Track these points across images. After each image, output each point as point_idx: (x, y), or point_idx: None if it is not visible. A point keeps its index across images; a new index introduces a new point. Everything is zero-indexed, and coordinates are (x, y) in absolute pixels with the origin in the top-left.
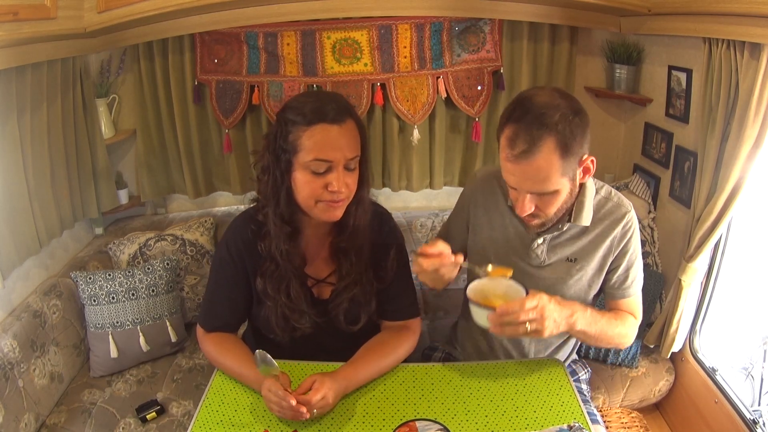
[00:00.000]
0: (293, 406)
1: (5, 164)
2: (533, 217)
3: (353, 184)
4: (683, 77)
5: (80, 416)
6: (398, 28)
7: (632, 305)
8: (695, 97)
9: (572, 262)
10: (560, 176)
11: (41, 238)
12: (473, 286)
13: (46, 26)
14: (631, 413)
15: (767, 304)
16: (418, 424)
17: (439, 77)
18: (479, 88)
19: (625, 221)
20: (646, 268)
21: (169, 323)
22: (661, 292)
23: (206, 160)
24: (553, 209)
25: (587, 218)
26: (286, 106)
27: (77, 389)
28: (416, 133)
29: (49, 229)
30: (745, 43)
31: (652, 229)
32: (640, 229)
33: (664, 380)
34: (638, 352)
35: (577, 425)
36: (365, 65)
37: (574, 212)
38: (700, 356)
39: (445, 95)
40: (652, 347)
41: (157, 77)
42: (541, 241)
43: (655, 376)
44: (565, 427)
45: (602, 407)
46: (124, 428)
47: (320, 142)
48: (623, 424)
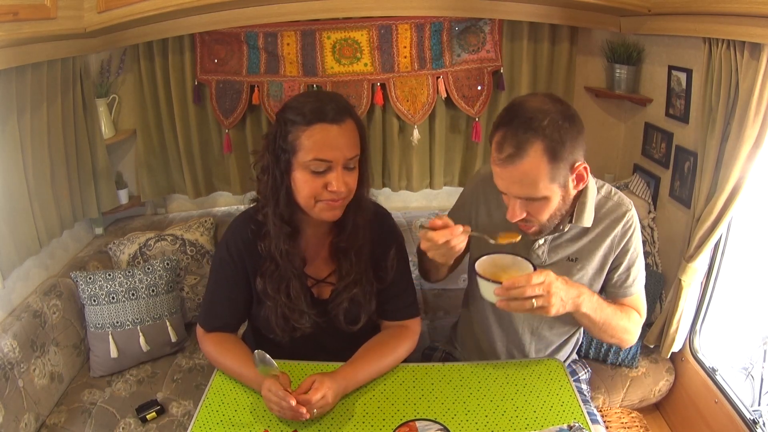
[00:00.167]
0: (293, 406)
1: (5, 164)
2: (526, 223)
3: (353, 183)
4: (683, 77)
5: (80, 416)
6: (398, 28)
7: (635, 304)
8: (695, 97)
9: (573, 261)
10: (549, 182)
11: (41, 238)
12: (482, 261)
13: (46, 26)
14: (631, 413)
15: (767, 304)
16: (418, 424)
17: (439, 77)
18: (479, 88)
19: (625, 220)
20: (646, 268)
21: (169, 323)
22: (661, 292)
23: (206, 160)
24: (544, 216)
25: (589, 219)
26: (285, 106)
27: (77, 389)
28: (416, 133)
29: (49, 229)
30: (745, 43)
31: (652, 229)
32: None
33: (664, 380)
34: (638, 352)
35: (577, 425)
36: (365, 65)
37: (575, 213)
38: (700, 356)
39: (445, 95)
40: (652, 347)
41: (157, 77)
42: (542, 241)
43: (655, 376)
44: (565, 427)
45: (602, 407)
46: (124, 428)
47: (320, 141)
48: (623, 424)
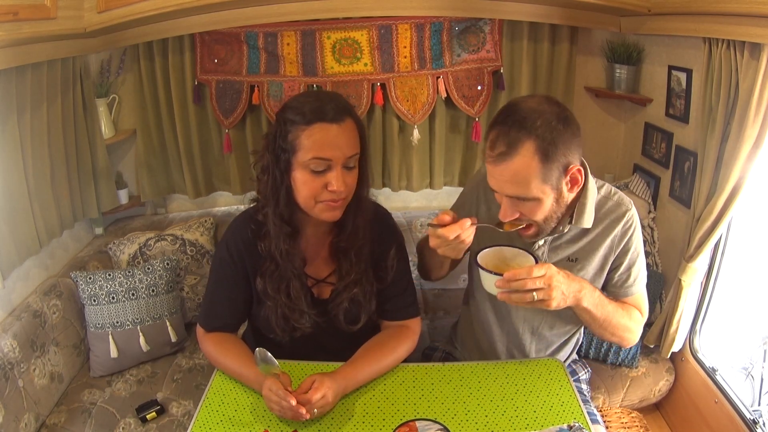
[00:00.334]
0: (293, 406)
1: (5, 164)
2: (523, 226)
3: (352, 183)
4: (683, 77)
5: (80, 416)
6: (398, 28)
7: (637, 303)
8: (695, 97)
9: (573, 262)
10: (540, 182)
11: (41, 238)
12: (484, 253)
13: (46, 26)
14: (631, 413)
15: (767, 304)
16: (418, 424)
17: (439, 77)
18: (479, 88)
19: (625, 220)
20: (646, 268)
21: (169, 323)
22: (661, 292)
23: (206, 160)
24: (538, 216)
25: (589, 220)
26: (285, 105)
27: (77, 389)
28: (416, 133)
29: (49, 229)
30: (745, 43)
31: (652, 229)
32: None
33: (664, 380)
34: (638, 352)
35: (577, 425)
36: (365, 65)
37: (575, 214)
38: (700, 356)
39: (445, 95)
40: (652, 347)
41: (157, 77)
42: (542, 242)
43: (655, 376)
44: (565, 427)
45: (602, 407)
46: (124, 428)
47: (319, 141)
48: (623, 424)
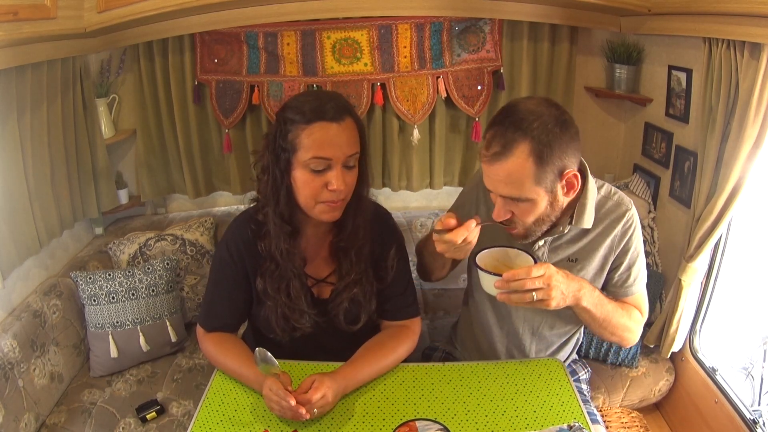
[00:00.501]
0: (293, 406)
1: (5, 164)
2: (511, 225)
3: (352, 182)
4: (683, 77)
5: (80, 416)
6: (398, 28)
7: (636, 303)
8: (695, 97)
9: (573, 262)
10: (534, 184)
11: (41, 238)
12: (483, 254)
13: (46, 26)
14: (631, 413)
15: (767, 304)
16: (418, 424)
17: (439, 77)
18: (479, 88)
19: (625, 219)
20: (646, 268)
21: (169, 323)
22: (661, 292)
23: (206, 160)
24: (530, 219)
25: (589, 221)
26: (285, 105)
27: (77, 389)
28: (416, 133)
29: (49, 229)
30: (745, 43)
31: (652, 229)
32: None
33: (664, 380)
34: (638, 352)
35: (577, 425)
36: (365, 65)
37: (575, 214)
38: (700, 356)
39: (445, 95)
40: (652, 347)
41: (157, 77)
42: (542, 242)
43: (655, 376)
44: (565, 427)
45: (602, 407)
46: (124, 428)
47: (319, 140)
48: (623, 424)
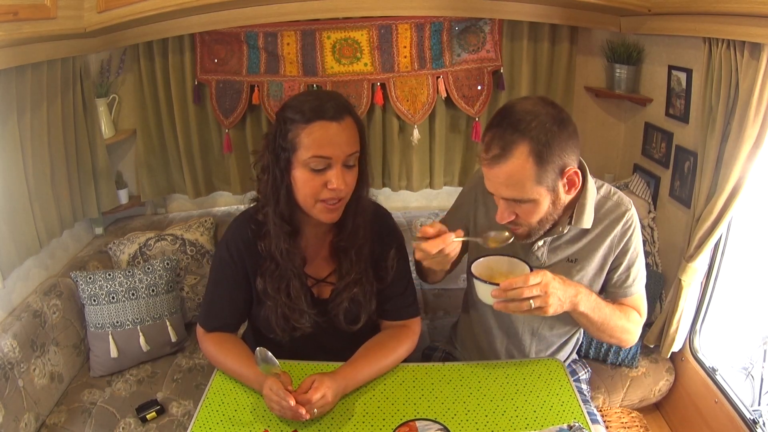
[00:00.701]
0: (293, 406)
1: (5, 164)
2: (515, 226)
3: (352, 181)
4: (683, 77)
5: (80, 416)
6: (398, 28)
7: (635, 303)
8: (695, 97)
9: (572, 262)
10: (535, 184)
11: (41, 238)
12: (478, 263)
13: (46, 26)
14: (631, 413)
15: (767, 304)
16: (418, 424)
17: (439, 77)
18: (479, 87)
19: (624, 220)
20: (646, 267)
21: (169, 323)
22: (661, 292)
23: (206, 160)
24: (533, 219)
25: (588, 221)
26: (285, 105)
27: (77, 389)
28: (416, 132)
29: (49, 229)
30: (745, 43)
31: (652, 229)
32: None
33: (664, 380)
34: (638, 352)
35: (577, 425)
36: (365, 65)
37: (575, 215)
38: (700, 356)
39: (445, 95)
40: (652, 347)
41: (157, 77)
42: (541, 243)
43: (655, 376)
44: (565, 427)
45: (602, 407)
46: (124, 428)
47: (319, 139)
48: (623, 424)
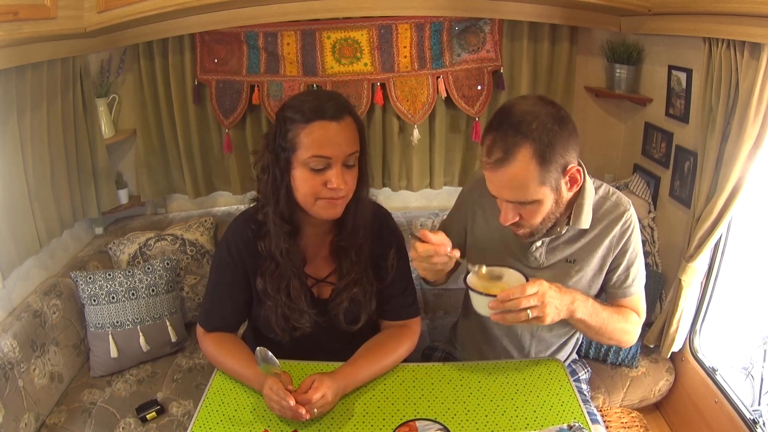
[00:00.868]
0: (293, 406)
1: (5, 164)
2: (518, 226)
3: (352, 181)
4: (683, 77)
5: (80, 416)
6: (398, 28)
7: (634, 304)
8: (695, 97)
9: (571, 263)
10: (539, 185)
11: (41, 238)
12: (471, 275)
13: (46, 26)
14: (631, 413)
15: (767, 304)
16: (418, 424)
17: (439, 77)
18: (479, 87)
19: (623, 220)
20: (646, 268)
21: (169, 323)
22: (661, 292)
23: (206, 160)
24: (537, 219)
25: (586, 221)
26: (285, 104)
27: (77, 389)
28: (416, 132)
29: (49, 229)
30: (745, 43)
31: (652, 229)
32: (640, 228)
33: (664, 380)
34: (638, 351)
35: (577, 425)
36: (365, 65)
37: (573, 215)
38: (700, 356)
39: (445, 95)
40: (652, 347)
41: (157, 77)
42: (539, 243)
43: (655, 375)
44: (565, 427)
45: (602, 407)
46: (124, 428)
47: (319, 138)
48: (623, 424)
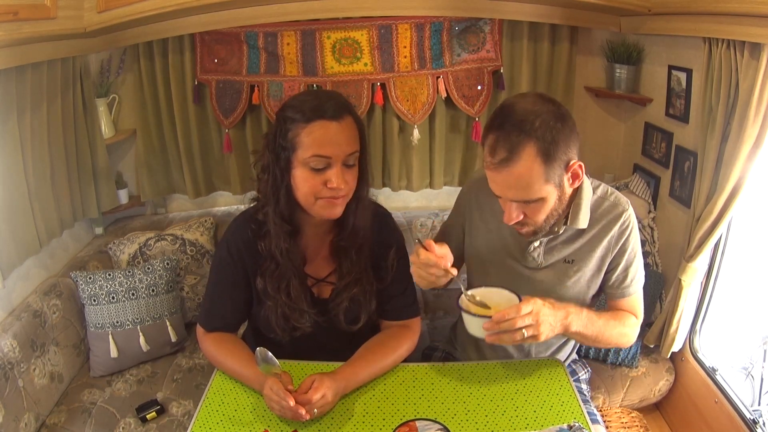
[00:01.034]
0: (293, 406)
1: (5, 164)
2: (522, 225)
3: (352, 180)
4: (683, 77)
5: (80, 416)
6: (398, 27)
7: (633, 304)
8: (695, 97)
9: (570, 263)
10: (544, 183)
11: (41, 238)
12: (463, 298)
13: (46, 26)
14: (631, 413)
15: (767, 304)
16: (418, 424)
17: (439, 77)
18: (479, 87)
19: (622, 220)
20: (646, 267)
21: (169, 323)
22: (661, 292)
23: (206, 160)
24: (541, 217)
25: (584, 221)
26: (285, 104)
27: (77, 389)
28: (416, 132)
29: (49, 229)
30: (745, 43)
31: (652, 229)
32: (639, 228)
33: (664, 380)
34: (638, 351)
35: (577, 425)
36: (365, 65)
37: (570, 214)
38: (700, 356)
39: (445, 95)
40: (652, 347)
41: (157, 77)
42: (537, 243)
43: (655, 375)
44: (565, 427)
45: (602, 407)
46: (124, 428)
47: (319, 138)
48: (623, 424)
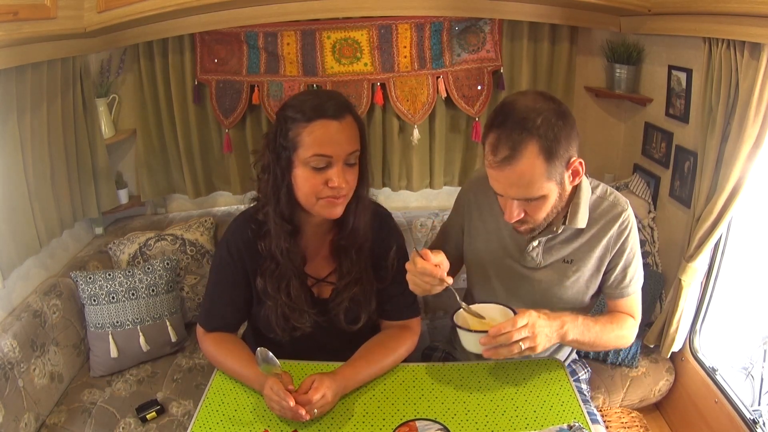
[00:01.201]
0: (293, 407)
1: (5, 164)
2: (521, 222)
3: (353, 180)
4: (683, 77)
5: (80, 416)
6: (398, 27)
7: (631, 305)
8: (695, 97)
9: (568, 263)
10: (546, 181)
11: (41, 238)
12: (457, 314)
13: (46, 26)
14: (631, 413)
15: (767, 304)
16: (418, 424)
17: (439, 77)
18: (479, 87)
19: (621, 220)
20: (646, 268)
21: (169, 323)
22: (661, 292)
23: (206, 160)
24: (542, 214)
25: (583, 220)
26: (285, 104)
27: (77, 389)
28: (416, 132)
29: (49, 229)
30: (745, 43)
31: (652, 229)
32: (639, 228)
33: (664, 380)
34: (638, 351)
35: (577, 425)
36: (365, 65)
37: (569, 214)
38: (700, 356)
39: (445, 95)
40: (652, 347)
41: (157, 77)
42: (536, 243)
43: (655, 375)
44: (565, 427)
45: (602, 407)
46: (124, 428)
47: (320, 137)
48: (623, 424)
